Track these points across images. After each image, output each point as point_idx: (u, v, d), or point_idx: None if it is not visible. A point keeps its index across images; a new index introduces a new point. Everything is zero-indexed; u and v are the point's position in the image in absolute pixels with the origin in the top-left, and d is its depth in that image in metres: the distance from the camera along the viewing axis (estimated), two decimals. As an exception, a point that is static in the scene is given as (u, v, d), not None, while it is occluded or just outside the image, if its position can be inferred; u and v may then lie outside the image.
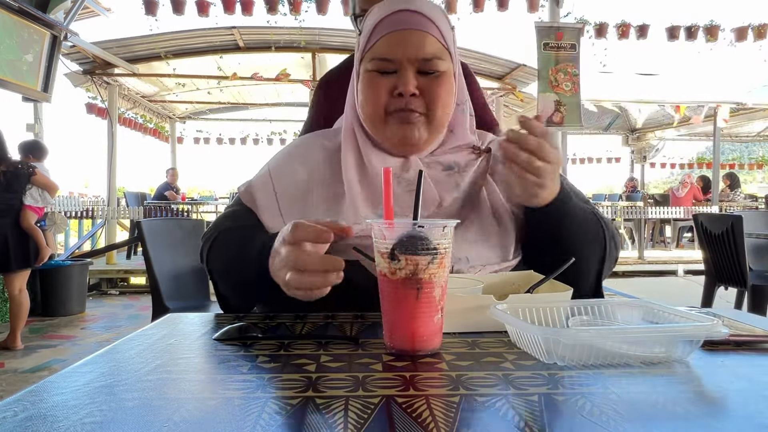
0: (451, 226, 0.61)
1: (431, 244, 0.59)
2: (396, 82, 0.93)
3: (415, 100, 0.93)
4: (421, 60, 0.92)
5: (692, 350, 0.59)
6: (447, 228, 0.61)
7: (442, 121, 0.96)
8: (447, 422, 0.43)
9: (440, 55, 0.93)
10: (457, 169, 0.99)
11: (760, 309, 3.35)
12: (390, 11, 0.94)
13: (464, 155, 1.02)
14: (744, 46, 7.12)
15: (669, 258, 7.83)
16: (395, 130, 0.95)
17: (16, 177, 3.77)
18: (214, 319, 0.80)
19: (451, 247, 0.62)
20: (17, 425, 0.42)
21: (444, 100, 0.94)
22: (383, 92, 0.93)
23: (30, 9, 4.58)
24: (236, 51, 7.55)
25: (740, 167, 14.69)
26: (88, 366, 0.57)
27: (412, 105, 0.93)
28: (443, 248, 0.60)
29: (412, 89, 0.92)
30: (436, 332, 0.62)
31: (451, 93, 0.96)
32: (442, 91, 0.94)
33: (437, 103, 0.93)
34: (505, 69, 7.81)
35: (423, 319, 0.60)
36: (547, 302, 0.70)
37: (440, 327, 0.62)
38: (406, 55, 0.92)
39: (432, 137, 0.97)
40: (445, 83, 0.94)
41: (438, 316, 0.61)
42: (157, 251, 2.34)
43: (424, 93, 0.93)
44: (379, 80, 0.94)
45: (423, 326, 0.60)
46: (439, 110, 0.94)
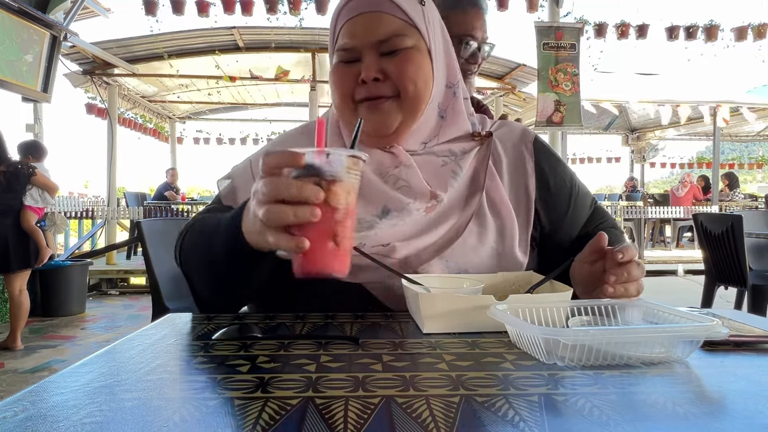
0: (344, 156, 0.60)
1: (326, 170, 0.59)
2: (360, 69, 0.89)
3: (380, 85, 0.89)
4: (378, 42, 0.88)
5: (692, 350, 0.59)
6: (342, 158, 0.60)
7: (416, 98, 0.90)
8: (447, 422, 0.43)
9: (401, 31, 0.89)
10: (454, 158, 0.96)
11: (760, 309, 3.35)
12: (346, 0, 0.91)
13: (461, 144, 0.98)
14: (744, 46, 7.12)
15: (669, 258, 7.83)
16: (366, 121, 0.89)
17: (16, 177, 3.77)
18: (214, 319, 0.79)
19: (352, 179, 0.61)
20: (17, 425, 0.42)
21: (412, 75, 0.89)
22: (349, 81, 0.90)
23: (30, 9, 4.58)
24: (236, 51, 7.55)
25: (740, 167, 14.68)
26: (88, 366, 0.57)
27: (378, 90, 0.89)
28: (339, 177, 0.59)
29: (374, 74, 0.88)
30: (328, 257, 0.60)
31: (422, 68, 0.90)
32: (408, 68, 0.89)
33: (404, 80, 0.88)
34: (505, 69, 7.81)
35: (314, 241, 0.59)
36: (547, 302, 0.70)
37: (335, 255, 0.60)
38: (362, 41, 0.89)
39: (408, 119, 0.92)
40: (412, 58, 0.89)
41: (331, 243, 0.60)
42: (157, 251, 2.34)
43: (389, 74, 0.89)
44: (344, 70, 0.91)
45: (312, 247, 0.59)
46: (409, 87, 0.89)
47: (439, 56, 0.94)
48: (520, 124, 1.06)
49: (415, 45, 0.90)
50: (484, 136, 0.99)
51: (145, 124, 9.94)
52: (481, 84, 8.26)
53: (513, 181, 0.97)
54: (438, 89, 0.94)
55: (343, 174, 0.60)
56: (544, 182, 0.97)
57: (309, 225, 0.59)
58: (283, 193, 0.58)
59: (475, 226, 0.91)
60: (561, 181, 0.99)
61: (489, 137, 0.99)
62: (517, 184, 0.96)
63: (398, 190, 0.90)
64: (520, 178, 0.97)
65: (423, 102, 0.92)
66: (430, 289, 0.77)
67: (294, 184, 0.58)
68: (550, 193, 0.97)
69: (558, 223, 0.98)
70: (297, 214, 0.57)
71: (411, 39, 0.90)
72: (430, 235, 0.89)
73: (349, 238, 0.62)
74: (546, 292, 0.79)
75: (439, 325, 0.70)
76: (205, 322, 0.78)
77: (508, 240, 0.91)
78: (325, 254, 0.60)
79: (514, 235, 0.91)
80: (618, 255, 0.76)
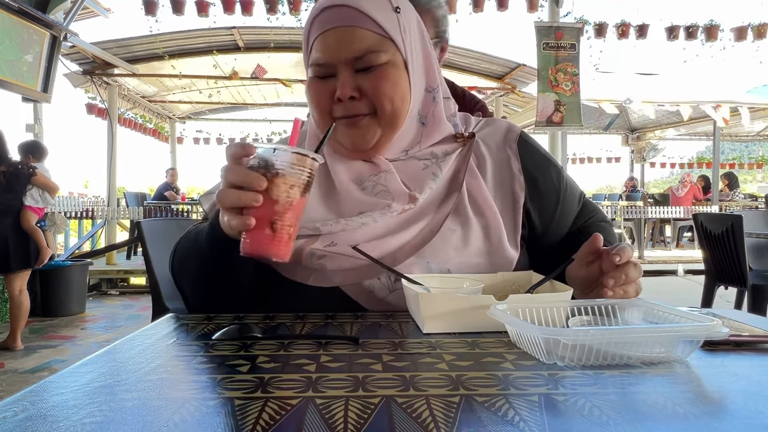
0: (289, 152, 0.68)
1: (271, 163, 0.68)
2: (336, 85, 0.87)
3: (356, 103, 0.87)
4: (353, 59, 0.86)
5: (692, 350, 0.59)
6: (288, 154, 0.68)
7: (394, 115, 0.88)
8: (447, 422, 0.43)
9: (376, 47, 0.86)
10: (434, 160, 0.94)
11: (760, 309, 3.35)
12: (319, 10, 0.88)
13: (444, 146, 0.96)
14: (744, 46, 7.12)
15: (669, 258, 7.84)
16: (344, 136, 0.90)
17: (16, 178, 3.77)
18: (214, 319, 0.79)
19: (296, 174, 0.69)
20: (17, 425, 0.42)
21: (389, 93, 0.87)
22: (325, 99, 0.89)
23: (30, 9, 4.58)
24: (236, 51, 7.55)
25: (740, 167, 14.69)
26: (88, 366, 0.57)
27: (355, 109, 0.87)
28: (283, 170, 0.68)
29: (349, 92, 0.86)
30: (266, 241, 0.68)
31: (397, 83, 0.88)
32: (384, 86, 0.86)
33: (381, 98, 0.87)
34: (505, 69, 7.82)
35: (256, 225, 0.68)
36: (547, 302, 0.70)
37: (274, 240, 0.68)
38: (337, 57, 0.86)
39: (388, 134, 0.90)
40: (387, 75, 0.87)
41: (269, 230, 0.68)
42: (157, 251, 2.34)
43: (365, 92, 0.87)
44: (320, 86, 0.89)
45: (252, 230, 0.68)
46: (386, 106, 0.87)
47: (417, 64, 0.92)
48: (505, 122, 1.04)
49: (390, 60, 0.87)
50: (467, 137, 0.98)
51: (145, 124, 9.94)
52: (481, 84, 8.26)
53: (498, 183, 0.95)
54: (416, 98, 0.92)
55: (287, 169, 0.68)
56: (533, 184, 0.95)
57: (254, 210, 0.68)
58: (232, 179, 0.68)
59: (458, 226, 0.89)
60: (549, 181, 0.97)
61: (472, 138, 0.98)
62: (503, 186, 0.94)
63: (376, 195, 0.89)
64: (506, 180, 0.95)
65: (401, 117, 0.90)
66: (430, 289, 0.77)
67: (241, 171, 0.68)
68: (539, 194, 0.95)
69: (548, 221, 0.97)
70: (241, 198, 0.67)
71: (386, 54, 0.87)
72: (402, 234, 0.87)
73: (288, 228, 0.69)
74: (546, 292, 0.79)
75: (439, 325, 0.70)
76: (205, 322, 0.78)
77: (495, 239, 0.89)
78: (264, 238, 0.68)
79: (501, 234, 0.89)
80: (615, 258, 0.76)
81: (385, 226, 0.88)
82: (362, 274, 0.84)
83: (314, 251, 0.85)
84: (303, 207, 0.72)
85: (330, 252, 0.85)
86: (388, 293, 0.85)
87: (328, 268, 0.85)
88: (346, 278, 0.85)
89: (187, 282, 0.92)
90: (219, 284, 0.86)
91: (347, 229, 0.86)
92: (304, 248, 0.86)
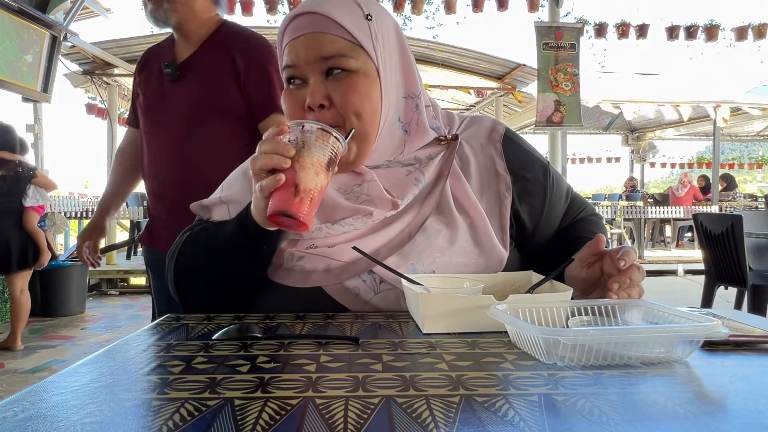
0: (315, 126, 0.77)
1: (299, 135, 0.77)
2: (305, 94, 0.86)
3: (325, 113, 0.85)
4: (321, 60, 0.84)
5: (692, 350, 0.59)
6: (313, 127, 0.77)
7: (363, 129, 0.86)
8: (447, 422, 0.43)
9: (345, 52, 0.84)
10: (417, 165, 0.93)
11: (760, 309, 3.35)
12: (289, 19, 0.88)
13: (427, 150, 0.95)
14: (744, 46, 7.12)
15: (669, 258, 7.84)
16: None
17: (17, 180, 3.76)
18: (214, 319, 0.80)
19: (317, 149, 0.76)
20: (17, 425, 0.42)
21: (357, 107, 0.85)
22: (297, 109, 0.88)
23: (30, 9, 4.58)
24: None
25: (740, 167, 14.71)
26: (88, 366, 0.57)
27: (325, 119, 0.84)
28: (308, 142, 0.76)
29: (319, 99, 0.84)
30: (288, 199, 0.74)
31: (367, 94, 0.86)
32: (353, 97, 0.85)
33: (348, 110, 0.85)
34: (505, 69, 7.82)
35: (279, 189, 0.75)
36: (547, 302, 0.70)
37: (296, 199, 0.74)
38: (305, 59, 0.85)
39: (363, 146, 0.88)
40: (356, 86, 0.85)
41: (293, 190, 0.75)
42: (157, 251, 2.33)
43: (334, 102, 0.85)
44: (292, 95, 0.88)
45: (278, 189, 0.75)
46: (352, 119, 0.85)
47: (392, 71, 0.90)
48: (489, 120, 1.02)
49: (360, 68, 0.86)
50: (450, 139, 0.96)
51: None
52: (481, 84, 8.27)
53: (483, 184, 0.94)
54: (393, 107, 0.91)
55: (312, 141, 0.77)
56: (519, 183, 0.94)
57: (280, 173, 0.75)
58: (264, 148, 0.76)
59: (442, 226, 0.88)
60: (535, 178, 0.96)
61: (455, 140, 0.96)
62: (489, 187, 0.94)
63: (361, 204, 0.88)
64: (491, 181, 0.94)
65: (373, 129, 0.88)
66: (430, 289, 0.77)
67: (272, 140, 0.77)
68: (526, 193, 0.95)
69: (538, 220, 0.97)
70: (272, 158, 0.75)
71: (356, 61, 0.85)
72: (381, 234, 0.87)
73: (311, 192, 0.76)
74: (546, 292, 0.79)
75: (439, 325, 0.70)
76: (205, 322, 0.78)
77: (481, 239, 0.88)
78: (289, 196, 0.75)
79: (489, 234, 0.89)
80: (620, 262, 0.76)
81: (363, 229, 0.88)
82: (340, 275, 0.84)
83: (294, 252, 0.87)
84: (326, 181, 0.78)
85: (308, 253, 0.86)
86: (373, 295, 0.85)
87: (306, 268, 0.85)
88: (323, 279, 0.85)
89: (193, 280, 0.92)
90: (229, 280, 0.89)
91: (328, 236, 0.88)
92: (285, 250, 0.87)
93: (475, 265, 0.87)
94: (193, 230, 0.96)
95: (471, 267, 0.87)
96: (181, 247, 0.93)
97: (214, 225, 0.93)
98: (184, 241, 0.94)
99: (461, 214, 0.90)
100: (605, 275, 0.80)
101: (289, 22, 0.88)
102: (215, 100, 1.66)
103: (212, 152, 1.63)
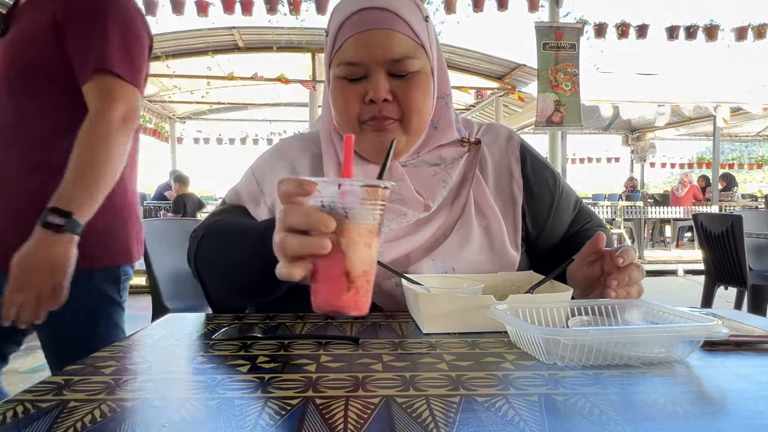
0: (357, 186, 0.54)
1: (337, 201, 0.54)
2: (366, 88, 0.86)
3: (388, 106, 0.87)
4: (390, 61, 0.85)
5: (692, 350, 0.59)
6: (353, 187, 0.54)
7: (420, 125, 0.91)
8: (447, 422, 0.43)
9: (412, 53, 0.86)
10: (443, 165, 0.96)
11: (760, 309, 3.35)
12: (353, 10, 0.87)
13: (451, 150, 0.98)
14: (744, 46, 7.13)
15: (669, 258, 7.83)
16: (370, 139, 0.90)
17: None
18: (214, 319, 0.80)
19: (367, 213, 0.55)
20: (17, 425, 0.42)
21: (419, 104, 0.88)
22: (354, 101, 0.88)
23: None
24: (236, 51, 7.54)
25: (740, 167, 14.70)
26: (87, 366, 0.57)
27: (386, 111, 0.87)
28: (351, 210, 0.54)
29: (384, 95, 0.85)
30: (338, 295, 0.55)
31: (428, 93, 0.90)
32: (417, 95, 0.87)
33: (412, 107, 0.87)
34: (505, 69, 7.83)
35: (324, 282, 0.55)
36: (547, 302, 0.70)
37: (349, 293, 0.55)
38: (373, 58, 0.85)
39: (410, 142, 0.92)
40: (421, 84, 0.88)
41: (343, 281, 0.54)
42: (156, 251, 2.34)
43: (397, 97, 0.87)
44: (349, 87, 0.88)
45: (323, 281, 0.56)
46: (414, 115, 0.88)
47: (438, 74, 0.94)
48: (506, 129, 1.06)
49: (422, 68, 0.88)
50: (473, 143, 1.00)
51: (145, 124, 9.94)
52: (481, 84, 8.27)
53: (498, 185, 0.97)
54: (430, 109, 0.93)
55: (357, 206, 0.54)
56: (529, 187, 0.98)
57: (321, 258, 0.54)
58: (292, 221, 0.54)
59: (462, 225, 0.92)
60: (545, 185, 1.00)
61: (478, 144, 1.00)
62: (503, 189, 0.97)
63: (393, 203, 0.90)
64: (505, 182, 0.98)
65: (425, 126, 0.93)
66: (430, 289, 0.77)
67: (302, 210, 0.54)
68: (534, 197, 0.98)
69: (542, 226, 0.99)
70: (303, 244, 0.53)
71: (419, 61, 0.87)
72: (416, 236, 0.90)
73: (366, 275, 0.56)
74: (546, 292, 0.79)
75: (439, 325, 0.70)
76: (205, 322, 0.78)
77: (497, 240, 0.92)
78: (339, 291, 0.55)
79: (503, 234, 0.92)
80: (619, 260, 0.76)
81: (399, 230, 0.90)
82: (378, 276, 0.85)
83: None
84: (378, 246, 0.58)
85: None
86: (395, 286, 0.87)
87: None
88: None
89: (210, 283, 0.88)
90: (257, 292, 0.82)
91: None
92: None
93: (487, 263, 0.90)
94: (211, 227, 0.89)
95: (484, 264, 0.90)
96: (198, 242, 0.88)
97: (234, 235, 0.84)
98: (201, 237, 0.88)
99: (479, 216, 0.93)
100: (605, 274, 0.80)
101: (352, 13, 0.86)
102: (26, 58, 1.22)
103: (23, 129, 1.22)
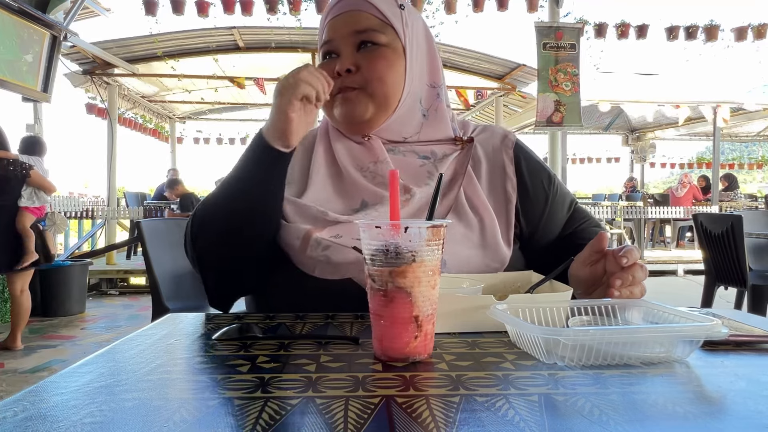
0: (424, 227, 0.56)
1: (399, 250, 0.55)
2: (337, 63, 0.95)
3: (351, 77, 0.95)
4: (354, 33, 0.95)
5: (692, 350, 0.59)
6: (420, 230, 0.55)
7: (384, 94, 0.95)
8: (447, 422, 0.43)
9: (377, 28, 0.95)
10: (433, 159, 0.99)
11: (760, 309, 3.35)
12: (332, 5, 0.99)
13: (443, 146, 1.01)
14: (744, 46, 7.12)
15: (669, 258, 7.83)
16: (338, 110, 0.97)
17: (7, 180, 3.72)
18: (214, 319, 0.80)
19: (432, 254, 0.57)
20: (17, 425, 0.42)
21: (381, 72, 0.94)
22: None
23: (30, 9, 4.57)
24: (236, 51, 7.54)
25: (740, 167, 14.70)
26: (88, 366, 0.57)
27: (348, 82, 0.95)
28: (417, 254, 0.56)
29: (347, 65, 0.94)
30: (406, 341, 0.57)
31: (392, 66, 0.95)
32: (378, 64, 0.94)
33: (373, 75, 0.94)
34: (505, 69, 7.82)
35: (391, 328, 0.57)
36: (547, 302, 0.70)
37: (416, 338, 0.57)
38: (339, 33, 0.96)
39: (379, 111, 0.96)
40: (385, 56, 0.95)
41: (411, 326, 0.56)
42: (156, 251, 2.34)
43: (361, 67, 0.95)
44: (324, 66, 0.97)
45: (390, 335, 0.57)
46: (375, 83, 0.94)
47: (418, 57, 0.99)
48: (501, 129, 1.08)
49: (389, 43, 0.95)
50: (466, 141, 1.02)
51: (145, 124, 9.93)
52: (481, 84, 8.26)
53: (492, 183, 0.99)
54: (415, 87, 0.99)
55: (423, 248, 0.55)
56: (523, 186, 0.99)
57: (387, 303, 0.57)
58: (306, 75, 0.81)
59: (455, 220, 0.92)
60: (539, 184, 1.01)
61: (470, 142, 1.02)
62: (496, 187, 0.99)
63: (376, 186, 0.94)
64: (499, 181, 0.99)
65: (393, 98, 0.96)
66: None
67: (317, 72, 0.82)
68: (528, 196, 0.99)
69: (535, 225, 1.00)
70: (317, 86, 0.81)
71: (386, 36, 0.95)
72: None
73: (432, 318, 0.57)
74: (546, 292, 0.79)
75: (439, 325, 0.70)
76: (205, 321, 0.78)
77: (489, 236, 0.92)
78: (409, 336, 0.56)
79: (495, 231, 0.93)
80: (623, 260, 0.76)
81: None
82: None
83: (320, 240, 0.86)
84: (439, 285, 0.60)
85: (335, 243, 0.86)
86: None
87: (333, 259, 0.85)
88: (353, 270, 0.85)
89: (209, 242, 0.90)
90: (243, 241, 0.87)
91: (354, 226, 0.88)
92: (310, 234, 0.87)
93: (478, 258, 0.90)
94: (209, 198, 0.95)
95: (474, 259, 0.89)
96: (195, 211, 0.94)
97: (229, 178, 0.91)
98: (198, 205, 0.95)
99: (473, 212, 0.94)
100: (608, 273, 0.80)
101: (331, 7, 0.99)
102: None
103: None
